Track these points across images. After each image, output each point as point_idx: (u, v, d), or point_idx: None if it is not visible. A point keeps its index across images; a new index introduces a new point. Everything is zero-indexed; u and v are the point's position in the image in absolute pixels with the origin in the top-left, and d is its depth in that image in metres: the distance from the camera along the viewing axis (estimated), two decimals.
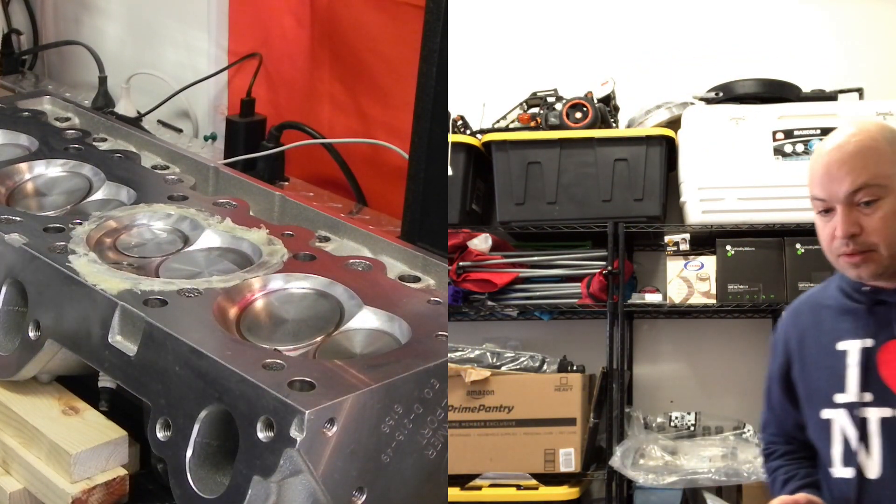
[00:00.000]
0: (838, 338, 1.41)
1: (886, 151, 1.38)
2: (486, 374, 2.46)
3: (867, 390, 1.37)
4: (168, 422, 1.18)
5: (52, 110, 2.01)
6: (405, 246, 1.55)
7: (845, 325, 1.41)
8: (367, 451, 1.14)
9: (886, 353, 1.38)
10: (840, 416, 1.39)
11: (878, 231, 1.34)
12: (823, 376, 1.42)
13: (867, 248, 1.34)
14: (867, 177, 1.35)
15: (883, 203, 1.34)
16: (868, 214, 1.34)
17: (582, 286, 2.58)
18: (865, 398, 1.37)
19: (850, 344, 1.40)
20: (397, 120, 2.11)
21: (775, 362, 1.51)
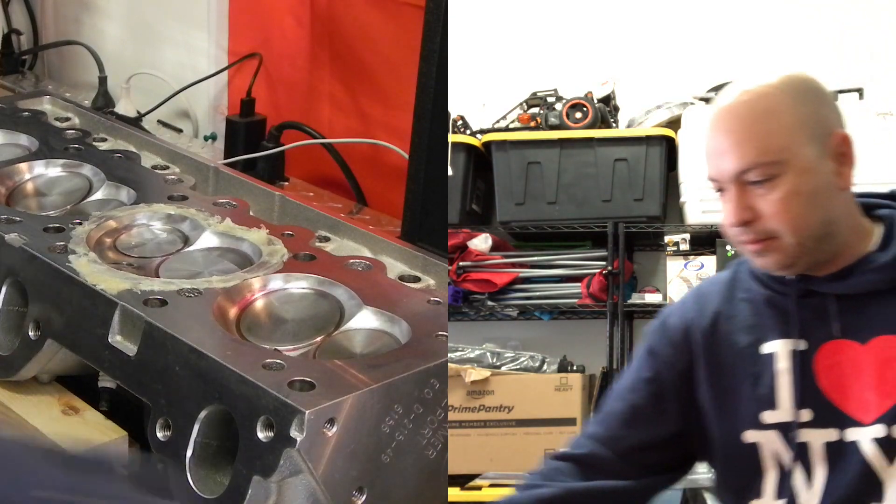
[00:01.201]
0: (761, 337, 1.15)
1: (785, 115, 1.10)
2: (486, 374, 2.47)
3: (805, 406, 1.11)
4: (168, 422, 1.18)
5: (52, 110, 2.01)
6: (405, 246, 1.55)
7: (769, 321, 1.15)
8: (367, 451, 1.14)
9: (825, 358, 1.12)
10: (771, 439, 1.13)
11: (777, 216, 1.08)
12: (745, 387, 1.14)
13: (767, 235, 1.10)
14: (757, 152, 1.09)
15: (781, 181, 1.08)
16: (762, 196, 1.09)
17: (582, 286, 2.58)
18: (803, 417, 1.11)
19: (777, 346, 1.14)
20: (397, 120, 2.11)
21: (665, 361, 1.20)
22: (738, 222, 1.10)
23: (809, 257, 1.11)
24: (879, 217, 1.16)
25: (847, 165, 1.12)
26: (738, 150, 1.09)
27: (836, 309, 1.13)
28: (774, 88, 1.12)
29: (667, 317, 1.23)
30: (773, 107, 1.11)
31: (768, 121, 1.10)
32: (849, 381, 1.11)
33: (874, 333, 1.12)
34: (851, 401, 1.11)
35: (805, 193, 1.09)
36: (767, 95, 1.11)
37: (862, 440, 1.10)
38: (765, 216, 1.09)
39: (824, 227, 1.11)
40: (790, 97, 1.11)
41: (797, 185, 1.09)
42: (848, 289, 1.12)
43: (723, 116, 1.11)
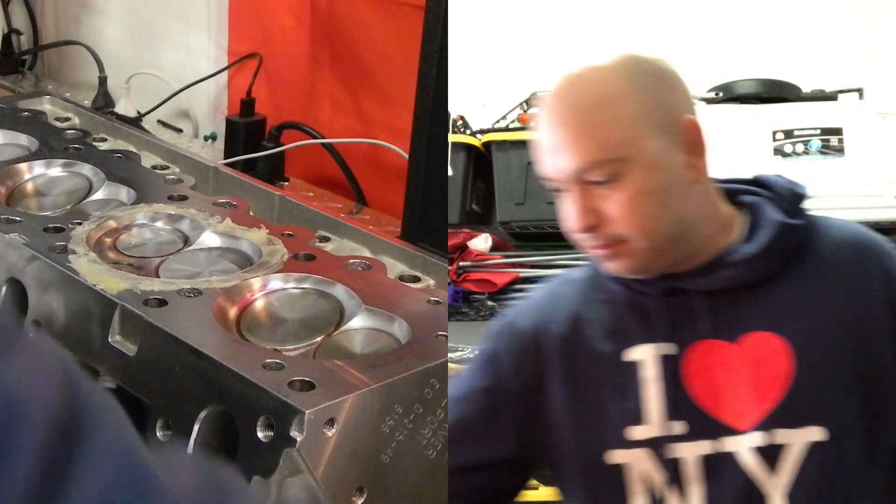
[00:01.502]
0: (624, 344, 1.02)
1: (626, 103, 0.97)
2: None
3: (677, 418, 0.99)
4: (168, 422, 1.18)
5: (52, 110, 2.01)
6: (405, 246, 1.55)
7: (632, 325, 1.03)
8: (367, 452, 1.14)
9: (695, 362, 1.01)
10: (640, 458, 1.00)
11: (624, 219, 0.97)
12: (608, 401, 1.02)
13: (614, 239, 0.99)
14: (597, 148, 0.96)
15: (626, 180, 0.96)
16: (605, 197, 0.97)
17: None
18: (675, 430, 0.99)
19: (642, 352, 1.01)
20: (397, 120, 2.11)
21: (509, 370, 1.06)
22: (582, 228, 0.98)
23: (664, 259, 1.01)
24: (744, 204, 1.07)
25: (699, 155, 1.01)
26: (576, 146, 0.96)
27: (703, 306, 1.02)
28: (610, 73, 0.99)
29: (514, 318, 1.10)
30: (611, 95, 0.98)
31: (607, 111, 0.97)
32: (722, 386, 1.01)
33: (746, 330, 1.02)
34: (726, 407, 1.00)
35: (654, 192, 0.98)
36: (603, 81, 0.99)
37: (740, 450, 0.99)
38: (611, 219, 0.98)
39: (678, 226, 1.00)
40: (628, 82, 0.98)
41: (644, 183, 0.97)
42: (713, 284, 1.02)
43: (554, 107, 0.99)
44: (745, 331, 1.02)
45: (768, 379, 1.00)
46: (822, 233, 1.06)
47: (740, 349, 1.02)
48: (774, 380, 1.00)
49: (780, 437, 0.99)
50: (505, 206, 2.63)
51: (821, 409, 1.00)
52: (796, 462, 0.99)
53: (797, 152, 2.43)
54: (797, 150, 2.43)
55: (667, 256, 1.01)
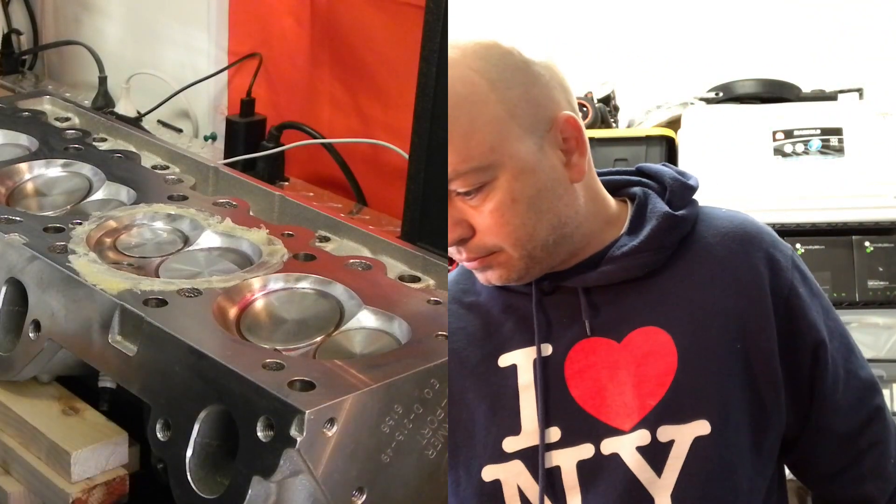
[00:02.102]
0: (498, 348, 0.97)
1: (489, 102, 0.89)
2: None
3: (553, 423, 0.94)
4: (168, 422, 1.18)
5: (52, 110, 2.01)
6: (405, 246, 1.55)
7: (507, 328, 0.98)
8: (367, 451, 1.14)
9: (577, 362, 0.96)
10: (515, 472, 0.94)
11: (492, 230, 0.91)
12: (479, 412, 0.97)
13: (487, 251, 0.93)
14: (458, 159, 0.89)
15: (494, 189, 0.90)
16: (474, 207, 0.91)
17: None
18: (551, 437, 0.93)
19: (517, 356, 0.96)
20: (397, 120, 2.11)
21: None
22: (452, 241, 0.92)
23: (542, 265, 0.96)
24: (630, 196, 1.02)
25: (580, 153, 0.95)
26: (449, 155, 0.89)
27: (585, 304, 0.97)
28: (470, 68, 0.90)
29: None
30: (471, 95, 0.89)
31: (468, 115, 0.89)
32: (604, 385, 0.95)
33: (631, 327, 0.97)
34: (608, 407, 0.95)
35: (524, 199, 0.92)
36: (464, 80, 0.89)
37: (623, 451, 0.94)
38: (480, 231, 0.92)
39: (555, 230, 0.95)
40: (490, 80, 0.90)
41: (513, 191, 0.91)
42: (597, 280, 0.97)
43: None
44: (631, 328, 0.97)
45: (653, 375, 0.95)
46: (709, 223, 1.01)
47: (624, 347, 0.97)
48: (659, 375, 0.95)
49: (665, 434, 0.94)
50: None
51: (705, 401, 0.95)
52: (682, 459, 0.94)
53: (797, 152, 2.43)
54: (797, 150, 2.43)
55: (545, 262, 0.96)
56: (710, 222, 1.02)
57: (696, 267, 0.98)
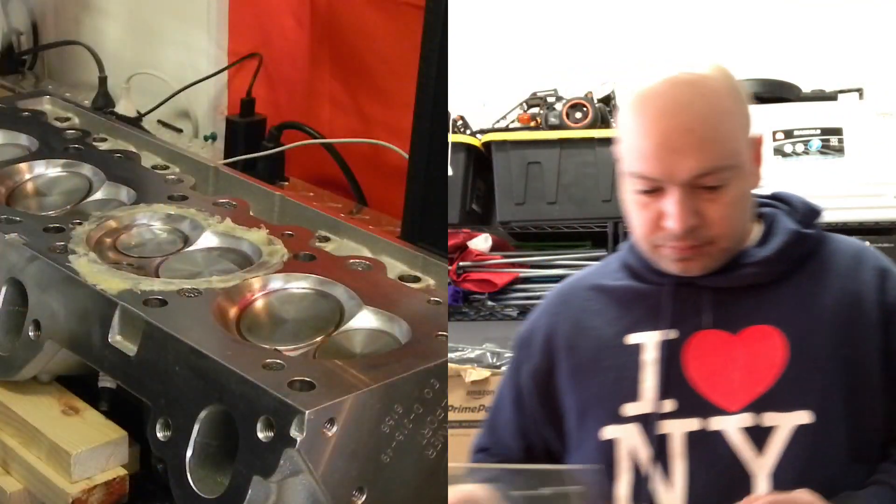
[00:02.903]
0: (628, 329, 1.09)
1: (735, 115, 1.05)
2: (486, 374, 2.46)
3: (669, 396, 1.05)
4: (168, 422, 1.18)
5: (52, 110, 2.01)
6: (405, 246, 1.55)
7: (638, 312, 1.10)
8: (367, 451, 1.14)
9: (694, 348, 1.07)
10: (630, 433, 1.05)
11: (721, 221, 1.04)
12: (607, 381, 1.08)
13: (705, 241, 1.05)
14: (718, 156, 1.02)
15: (730, 186, 1.04)
16: (712, 200, 1.03)
17: None
18: (665, 407, 1.04)
19: (645, 336, 1.08)
20: (397, 120, 2.11)
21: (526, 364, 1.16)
22: (686, 228, 1.03)
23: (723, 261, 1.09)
24: (761, 215, 1.14)
25: (760, 165, 1.10)
26: (700, 151, 1.01)
27: (710, 301, 1.09)
28: (721, 85, 1.06)
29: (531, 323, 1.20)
30: (726, 107, 1.05)
31: (726, 123, 1.04)
32: (718, 370, 1.06)
33: (747, 324, 1.08)
34: (718, 389, 1.05)
35: (743, 199, 1.08)
36: (719, 94, 1.05)
37: (728, 429, 1.04)
38: (709, 221, 1.04)
39: (744, 230, 1.10)
40: (733, 97, 1.06)
41: (740, 190, 1.06)
42: (725, 282, 1.09)
43: (676, 114, 1.02)
44: (747, 324, 1.08)
45: (763, 367, 1.05)
46: (829, 244, 1.13)
47: (739, 339, 1.08)
48: (768, 367, 1.05)
49: (768, 420, 1.03)
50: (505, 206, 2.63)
51: (809, 394, 1.03)
52: (783, 444, 1.02)
53: (797, 152, 2.43)
54: (797, 150, 2.43)
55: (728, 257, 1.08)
56: (831, 244, 1.14)
57: (814, 279, 1.10)
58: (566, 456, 1.13)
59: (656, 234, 1.06)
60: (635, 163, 1.05)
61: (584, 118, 2.61)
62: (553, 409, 1.14)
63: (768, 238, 1.10)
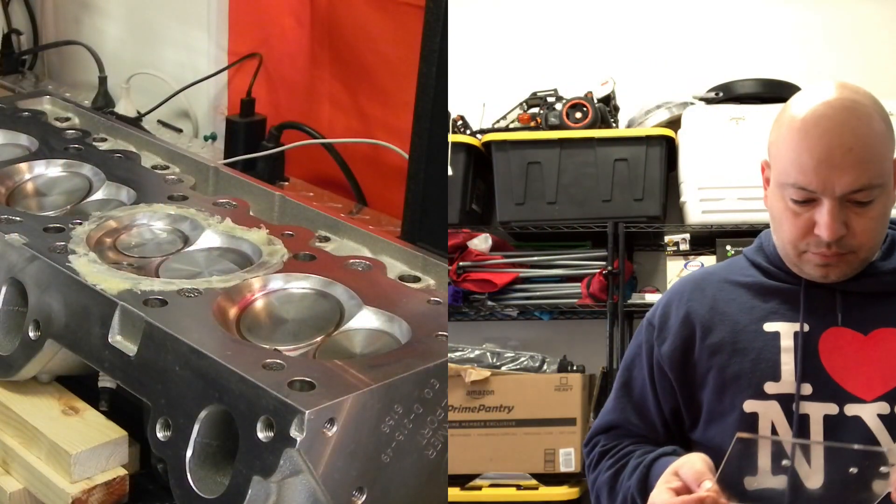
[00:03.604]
0: (765, 318, 1.19)
1: (886, 138, 1.15)
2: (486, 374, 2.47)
3: (806, 381, 1.14)
4: (168, 422, 1.18)
5: (52, 110, 2.01)
6: (405, 246, 1.55)
7: (773, 304, 1.19)
8: (367, 451, 1.14)
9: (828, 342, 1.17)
10: (771, 409, 1.14)
11: (865, 233, 1.14)
12: (746, 360, 1.17)
13: (849, 250, 1.14)
14: (872, 175, 1.12)
15: (877, 202, 1.14)
16: (860, 214, 1.13)
17: (582, 286, 2.58)
18: (805, 391, 1.14)
19: (781, 326, 1.18)
20: (397, 120, 2.11)
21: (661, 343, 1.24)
22: (836, 237, 1.12)
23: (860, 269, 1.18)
24: None
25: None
26: (857, 169, 1.10)
27: (841, 303, 1.18)
28: (873, 110, 1.14)
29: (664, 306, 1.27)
30: (879, 130, 1.14)
31: (878, 144, 1.13)
32: (851, 363, 1.15)
33: (875, 326, 1.17)
34: (853, 380, 1.14)
35: (885, 216, 1.16)
36: (873, 118, 1.13)
37: (864, 415, 1.12)
38: (854, 232, 1.13)
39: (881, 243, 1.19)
40: (884, 120, 1.15)
41: (884, 207, 1.15)
42: (857, 287, 1.18)
43: (839, 132, 1.11)
44: (876, 326, 1.17)
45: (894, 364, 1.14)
46: None
47: (869, 339, 1.17)
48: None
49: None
50: (505, 206, 2.63)
51: None
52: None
53: None
54: None
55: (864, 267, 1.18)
56: None
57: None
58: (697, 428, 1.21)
59: (805, 239, 1.15)
60: (796, 175, 1.13)
61: (584, 118, 2.62)
62: (689, 384, 1.21)
63: (892, 253, 1.20)
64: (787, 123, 1.15)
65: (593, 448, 1.29)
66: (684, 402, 1.23)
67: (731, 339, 1.19)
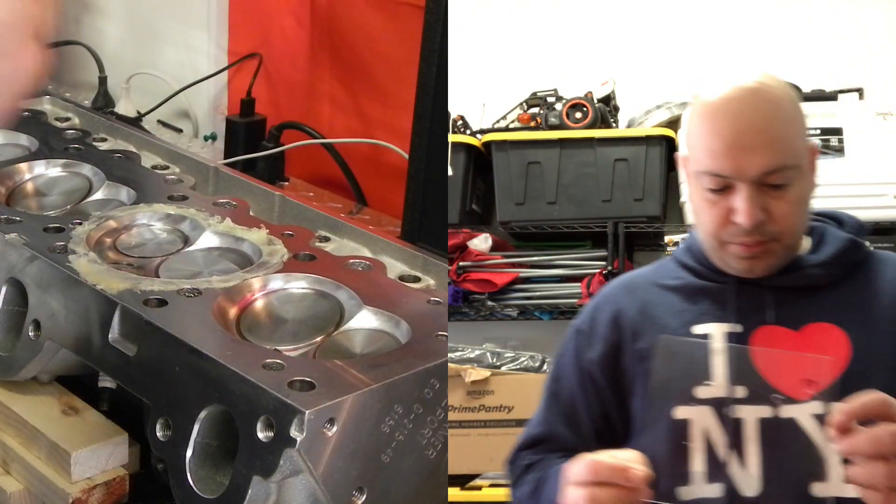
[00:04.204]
0: (694, 320, 1.16)
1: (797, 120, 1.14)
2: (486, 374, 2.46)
3: (740, 383, 1.10)
4: (168, 422, 1.18)
5: (52, 110, 2.01)
6: (405, 246, 1.55)
7: (703, 306, 1.17)
8: (367, 451, 1.14)
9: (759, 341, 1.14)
10: (703, 415, 1.10)
11: (785, 218, 1.11)
12: (677, 364, 1.13)
13: (770, 237, 1.12)
14: (784, 155, 1.10)
15: (793, 186, 1.11)
16: (777, 198, 1.10)
17: (582, 286, 2.58)
18: (738, 393, 1.10)
19: (712, 328, 1.15)
20: (397, 120, 2.11)
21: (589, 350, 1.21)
22: (754, 222, 1.10)
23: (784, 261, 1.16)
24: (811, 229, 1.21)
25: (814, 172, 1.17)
26: (769, 150, 1.09)
27: (772, 299, 1.15)
28: (784, 93, 1.14)
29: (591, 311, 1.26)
30: (791, 111, 1.13)
31: (788, 126, 1.12)
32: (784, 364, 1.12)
33: (807, 321, 1.15)
34: (786, 381, 1.10)
35: (805, 200, 1.15)
36: (784, 99, 1.13)
37: (800, 416, 1.09)
38: (774, 217, 1.11)
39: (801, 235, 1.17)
40: (795, 103, 1.14)
41: (803, 190, 1.13)
42: (786, 282, 1.16)
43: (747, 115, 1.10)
44: (807, 322, 1.14)
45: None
46: (877, 255, 1.21)
47: (801, 335, 1.14)
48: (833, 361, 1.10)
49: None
50: (505, 206, 2.63)
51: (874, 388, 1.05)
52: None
53: None
54: None
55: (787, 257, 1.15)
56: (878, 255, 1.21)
57: (868, 283, 1.17)
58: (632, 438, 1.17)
59: (725, 229, 1.12)
60: (708, 161, 1.12)
61: (584, 118, 2.61)
62: (620, 391, 1.19)
63: (820, 246, 1.18)
64: (698, 112, 1.14)
65: (517, 464, 1.26)
66: (615, 411, 1.20)
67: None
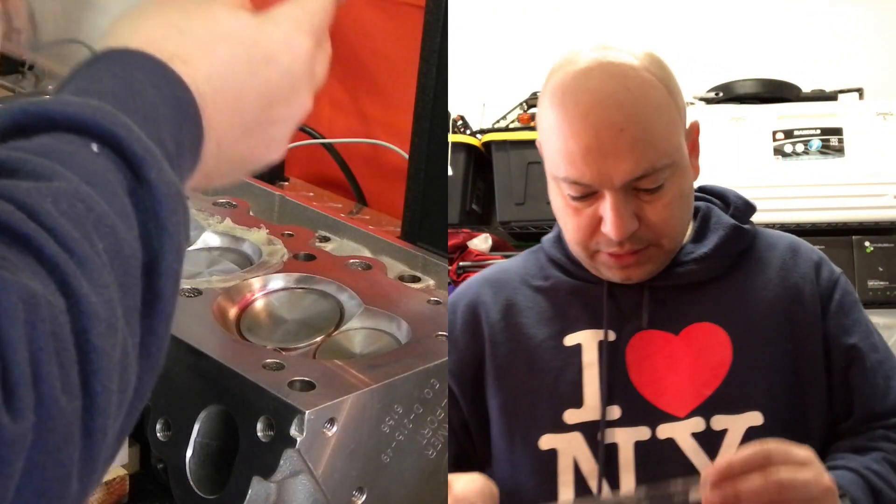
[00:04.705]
0: (566, 329, 1.01)
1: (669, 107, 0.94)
2: None
3: (614, 402, 0.96)
4: (168, 422, 1.18)
5: None
6: (405, 246, 1.55)
7: (573, 312, 1.02)
8: (367, 451, 1.14)
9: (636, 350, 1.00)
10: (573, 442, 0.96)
11: (662, 222, 0.96)
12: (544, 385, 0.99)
13: (647, 243, 0.97)
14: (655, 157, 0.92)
15: (669, 185, 0.95)
16: (651, 202, 0.95)
17: None
18: (612, 414, 0.96)
19: (582, 336, 1.00)
20: (397, 120, 2.11)
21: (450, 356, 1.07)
22: (625, 234, 0.94)
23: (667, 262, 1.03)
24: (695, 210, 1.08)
25: (698, 155, 1.03)
26: (634, 153, 0.91)
27: (647, 300, 1.02)
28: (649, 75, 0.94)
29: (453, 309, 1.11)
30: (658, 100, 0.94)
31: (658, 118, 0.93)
32: (662, 374, 0.99)
33: (687, 322, 1.02)
34: (665, 394, 0.98)
35: (685, 195, 1.00)
36: (649, 85, 0.93)
37: (678, 436, 0.97)
38: (648, 223, 0.96)
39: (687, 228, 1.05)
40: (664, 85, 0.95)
41: (680, 187, 0.98)
42: (664, 281, 1.03)
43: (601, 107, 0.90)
44: (688, 323, 1.02)
45: (708, 367, 1.00)
46: (763, 239, 1.10)
47: (681, 340, 1.02)
48: (714, 367, 1.00)
49: (719, 424, 0.98)
50: (505, 206, 2.63)
51: (757, 394, 0.99)
52: (734, 448, 0.96)
53: (797, 152, 2.43)
54: (797, 150, 2.43)
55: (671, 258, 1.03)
56: (765, 238, 1.10)
57: (753, 274, 1.06)
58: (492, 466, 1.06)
59: (594, 238, 0.98)
60: (563, 167, 0.94)
61: None
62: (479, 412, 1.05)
63: (704, 234, 1.05)
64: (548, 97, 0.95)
65: None
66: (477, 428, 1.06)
67: (525, 360, 1.02)
